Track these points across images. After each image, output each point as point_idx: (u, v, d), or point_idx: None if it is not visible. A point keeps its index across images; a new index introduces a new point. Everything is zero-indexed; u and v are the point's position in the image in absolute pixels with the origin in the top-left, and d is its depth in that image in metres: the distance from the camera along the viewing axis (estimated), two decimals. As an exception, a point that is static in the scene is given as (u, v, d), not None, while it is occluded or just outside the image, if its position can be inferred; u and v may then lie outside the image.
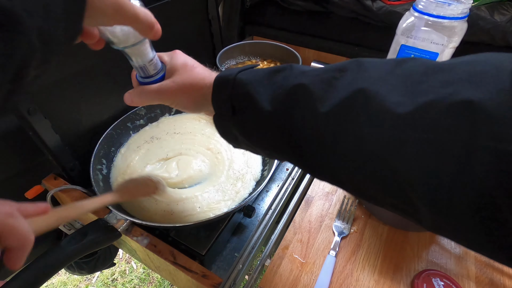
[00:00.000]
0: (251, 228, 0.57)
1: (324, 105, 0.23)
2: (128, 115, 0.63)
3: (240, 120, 0.30)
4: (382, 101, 0.21)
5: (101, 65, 0.57)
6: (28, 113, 0.47)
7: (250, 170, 0.58)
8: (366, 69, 0.24)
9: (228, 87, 0.30)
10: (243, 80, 0.29)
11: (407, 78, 0.21)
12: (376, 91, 0.21)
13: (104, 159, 0.58)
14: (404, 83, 0.21)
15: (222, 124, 0.33)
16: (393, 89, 0.21)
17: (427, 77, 0.20)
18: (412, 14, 0.55)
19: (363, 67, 0.24)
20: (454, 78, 0.19)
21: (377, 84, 0.22)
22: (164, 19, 0.28)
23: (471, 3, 0.51)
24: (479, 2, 0.65)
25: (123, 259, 1.34)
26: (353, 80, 0.23)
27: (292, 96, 0.26)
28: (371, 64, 0.24)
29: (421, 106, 0.19)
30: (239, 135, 0.32)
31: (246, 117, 0.29)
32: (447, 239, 0.51)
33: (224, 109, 0.31)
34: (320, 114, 0.24)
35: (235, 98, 0.30)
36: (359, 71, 0.24)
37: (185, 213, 0.50)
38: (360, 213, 0.55)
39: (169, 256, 0.47)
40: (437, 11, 0.51)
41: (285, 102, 0.26)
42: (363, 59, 0.25)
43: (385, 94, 0.21)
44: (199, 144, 0.62)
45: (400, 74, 0.22)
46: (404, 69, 0.22)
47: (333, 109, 0.23)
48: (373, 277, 0.46)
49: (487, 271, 0.47)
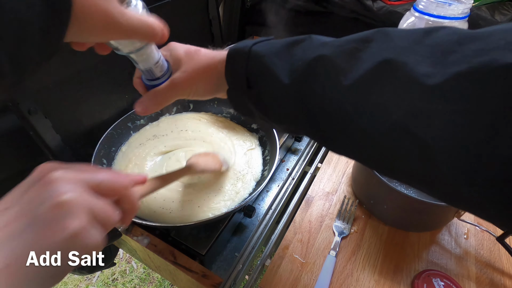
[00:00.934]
0: (251, 228, 0.57)
1: (347, 77, 0.23)
2: (129, 115, 0.63)
3: (256, 94, 0.29)
4: (410, 72, 0.20)
5: (101, 65, 0.57)
6: (29, 113, 0.47)
7: (251, 170, 0.58)
8: (392, 39, 0.22)
9: (243, 59, 0.28)
10: (259, 52, 0.28)
11: (437, 48, 0.20)
12: (404, 62, 0.20)
13: (104, 159, 0.58)
14: (433, 53, 0.20)
15: (236, 98, 0.32)
16: (422, 60, 0.20)
17: (460, 46, 0.19)
18: (412, 14, 0.55)
19: (388, 37, 0.23)
20: (490, 46, 0.18)
21: (405, 54, 0.21)
22: (164, 19, 0.27)
23: (472, 3, 0.51)
24: (480, 2, 0.65)
25: (123, 259, 1.34)
26: (378, 51, 0.22)
27: (312, 68, 0.25)
28: (398, 34, 0.23)
29: (453, 76, 0.18)
30: (254, 109, 0.30)
31: (262, 90, 0.28)
32: (447, 240, 0.51)
33: (239, 82, 0.29)
34: (343, 87, 0.23)
35: (250, 70, 0.28)
36: (384, 41, 0.23)
37: (185, 213, 0.50)
38: (360, 213, 0.55)
39: (169, 256, 0.47)
40: (438, 11, 0.51)
41: (305, 75, 0.25)
42: (389, 29, 0.24)
43: (414, 65, 0.20)
44: (200, 144, 0.62)
45: (429, 44, 0.21)
46: (434, 38, 0.21)
47: (357, 81, 0.22)
48: (373, 277, 0.46)
49: (488, 271, 0.47)
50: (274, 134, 0.58)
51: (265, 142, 0.62)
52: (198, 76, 0.32)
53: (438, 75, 0.19)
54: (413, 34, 0.22)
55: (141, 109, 0.32)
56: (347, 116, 0.23)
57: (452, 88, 0.18)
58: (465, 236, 0.52)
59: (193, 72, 0.32)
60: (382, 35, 0.23)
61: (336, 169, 0.64)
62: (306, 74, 0.25)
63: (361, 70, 0.22)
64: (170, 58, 0.33)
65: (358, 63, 0.23)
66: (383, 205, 0.52)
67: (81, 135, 0.59)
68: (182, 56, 0.32)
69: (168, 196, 0.51)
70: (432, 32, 0.21)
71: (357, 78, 0.22)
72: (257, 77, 0.28)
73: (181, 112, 0.71)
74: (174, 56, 0.33)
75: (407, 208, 0.49)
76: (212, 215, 0.49)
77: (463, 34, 0.20)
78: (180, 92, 0.33)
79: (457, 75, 0.18)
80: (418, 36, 0.22)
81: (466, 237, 0.52)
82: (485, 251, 0.50)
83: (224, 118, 0.70)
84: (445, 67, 0.19)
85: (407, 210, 0.50)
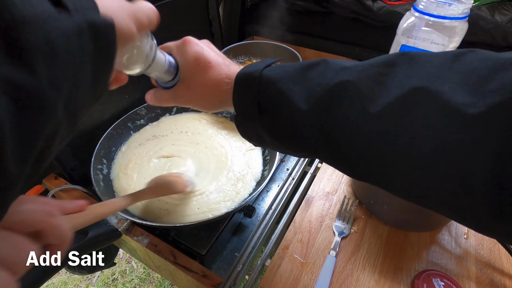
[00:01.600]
0: (251, 228, 0.57)
1: (374, 104, 0.22)
2: (129, 115, 0.63)
3: (269, 121, 0.28)
4: (447, 101, 0.19)
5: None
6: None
7: (251, 170, 0.58)
8: (417, 63, 0.22)
9: (254, 85, 0.27)
10: (271, 77, 0.27)
11: (471, 75, 0.19)
12: (438, 90, 0.19)
13: (104, 159, 0.58)
14: (468, 80, 0.19)
15: (245, 124, 0.31)
16: (457, 87, 0.19)
17: (497, 73, 0.18)
18: (412, 14, 0.55)
19: (413, 62, 0.22)
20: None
21: (437, 82, 0.20)
22: (165, 19, 0.27)
23: (472, 3, 0.51)
24: (480, 2, 0.65)
25: (123, 259, 1.34)
26: (406, 77, 0.21)
27: (334, 95, 0.24)
28: (424, 59, 0.22)
29: (494, 106, 0.17)
30: (266, 135, 0.29)
31: (277, 116, 0.27)
32: (447, 240, 0.51)
33: (249, 108, 0.28)
34: (370, 114, 0.22)
35: (262, 97, 0.27)
36: (410, 66, 0.22)
37: (185, 213, 0.50)
38: (360, 213, 0.55)
39: (170, 256, 0.47)
40: (438, 11, 0.51)
41: (326, 101, 0.24)
42: (412, 52, 0.23)
43: (450, 94, 0.19)
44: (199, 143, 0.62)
45: (461, 70, 0.20)
46: (465, 64, 0.20)
47: (385, 108, 0.21)
48: (373, 277, 0.46)
49: (488, 271, 0.47)
50: (274, 134, 0.58)
51: (265, 142, 0.62)
52: (204, 94, 0.31)
53: (479, 104, 0.18)
54: (440, 58, 0.21)
55: (149, 101, 0.34)
56: (373, 144, 0.22)
57: (494, 118, 0.18)
58: (465, 236, 0.52)
59: (197, 89, 0.31)
60: (407, 60, 0.22)
61: (336, 169, 0.64)
62: (328, 101, 0.24)
63: (390, 97, 0.21)
64: (179, 60, 0.32)
65: (385, 89, 0.22)
66: (383, 205, 0.52)
67: (81, 135, 0.59)
68: (191, 66, 0.31)
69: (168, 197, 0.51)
70: (461, 56, 0.21)
71: (386, 105, 0.21)
72: (270, 103, 0.27)
73: (181, 112, 0.71)
74: (183, 60, 0.31)
75: (407, 208, 0.49)
76: (212, 215, 0.49)
77: (498, 60, 0.19)
78: (181, 104, 0.33)
79: (498, 104, 0.17)
80: (447, 61, 0.21)
81: (466, 237, 0.52)
82: (485, 251, 0.50)
83: (224, 119, 0.70)
84: (485, 96, 0.18)
85: (407, 210, 0.50)
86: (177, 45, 0.32)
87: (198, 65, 0.30)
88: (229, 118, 0.70)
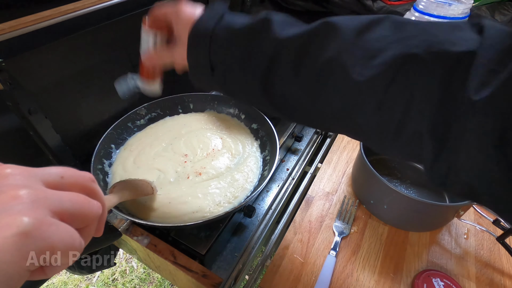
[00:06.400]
0: (251, 228, 0.57)
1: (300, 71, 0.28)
2: (129, 115, 0.63)
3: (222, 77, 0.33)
4: (349, 73, 0.25)
5: (101, 65, 0.57)
6: (29, 113, 0.47)
7: (251, 170, 0.58)
8: (336, 34, 0.27)
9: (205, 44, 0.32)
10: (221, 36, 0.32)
11: (367, 52, 0.25)
12: (345, 64, 0.25)
13: (104, 159, 0.58)
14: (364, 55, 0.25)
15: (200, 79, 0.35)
16: (356, 62, 0.25)
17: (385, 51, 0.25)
18: (412, 14, 0.55)
19: (333, 33, 0.27)
20: None
21: (345, 55, 0.26)
22: (165, 19, 0.27)
23: (472, 3, 0.51)
24: (480, 2, 0.65)
25: (123, 259, 1.34)
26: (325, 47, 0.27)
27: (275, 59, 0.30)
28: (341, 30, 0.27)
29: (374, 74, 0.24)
30: (219, 88, 0.34)
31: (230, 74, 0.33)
32: (447, 240, 0.51)
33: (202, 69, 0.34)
34: (295, 79, 0.28)
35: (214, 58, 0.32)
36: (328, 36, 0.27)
37: (185, 213, 0.50)
38: (360, 213, 0.55)
39: (169, 256, 0.47)
40: (438, 11, 0.51)
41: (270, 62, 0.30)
42: (331, 22, 0.27)
43: (351, 69, 0.25)
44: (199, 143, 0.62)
45: (363, 47, 0.25)
46: (366, 41, 0.25)
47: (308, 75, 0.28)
48: (373, 277, 0.46)
49: (487, 271, 0.47)
50: (274, 134, 0.58)
51: (265, 142, 0.62)
52: None
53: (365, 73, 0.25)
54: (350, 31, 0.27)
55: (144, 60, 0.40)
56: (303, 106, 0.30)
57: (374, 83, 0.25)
58: (465, 236, 0.52)
59: None
60: (329, 29, 0.27)
61: (336, 169, 0.64)
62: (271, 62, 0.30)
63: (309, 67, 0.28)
64: (175, 20, 0.35)
65: None
66: (383, 205, 0.52)
67: (81, 135, 0.59)
68: (184, 24, 0.34)
69: (168, 197, 0.51)
70: (366, 30, 0.26)
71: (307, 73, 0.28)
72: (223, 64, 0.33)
73: (179, 113, 0.71)
74: (178, 20, 0.35)
75: (407, 208, 0.49)
76: (211, 215, 0.49)
77: None
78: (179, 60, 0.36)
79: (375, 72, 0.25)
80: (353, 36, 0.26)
81: (466, 237, 0.52)
82: (485, 251, 0.50)
83: (225, 115, 0.70)
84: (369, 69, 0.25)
85: (407, 210, 0.50)
86: (172, 10, 0.36)
87: (189, 23, 0.34)
88: (230, 116, 0.70)
